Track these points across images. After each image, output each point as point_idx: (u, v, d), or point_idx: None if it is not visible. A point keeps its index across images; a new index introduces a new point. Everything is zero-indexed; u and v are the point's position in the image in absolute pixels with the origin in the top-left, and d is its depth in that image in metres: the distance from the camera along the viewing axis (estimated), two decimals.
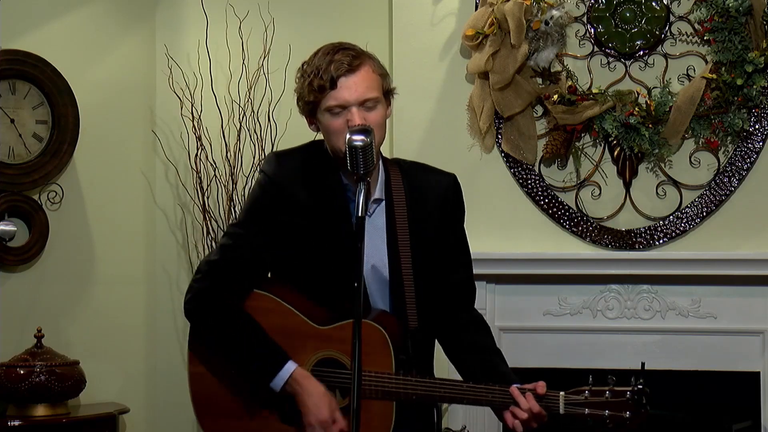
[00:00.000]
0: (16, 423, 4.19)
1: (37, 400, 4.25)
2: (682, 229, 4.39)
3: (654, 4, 4.43)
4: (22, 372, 4.23)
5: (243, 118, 4.79)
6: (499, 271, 4.39)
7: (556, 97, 4.40)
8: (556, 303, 4.46)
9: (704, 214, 4.38)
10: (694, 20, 4.39)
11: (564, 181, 4.49)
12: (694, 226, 4.39)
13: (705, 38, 4.36)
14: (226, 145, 4.81)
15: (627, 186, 4.44)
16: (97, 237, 4.71)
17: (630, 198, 4.44)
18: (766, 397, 4.33)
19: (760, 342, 4.34)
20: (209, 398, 2.84)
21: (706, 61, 4.37)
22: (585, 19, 4.49)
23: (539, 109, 4.49)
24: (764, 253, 4.30)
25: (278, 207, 2.81)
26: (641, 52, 4.44)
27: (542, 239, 4.48)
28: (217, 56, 4.82)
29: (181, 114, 4.82)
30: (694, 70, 4.39)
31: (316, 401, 2.72)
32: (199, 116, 4.80)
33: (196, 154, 4.80)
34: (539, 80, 4.46)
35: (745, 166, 4.34)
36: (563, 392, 2.69)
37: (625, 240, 4.43)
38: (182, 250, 4.91)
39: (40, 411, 4.26)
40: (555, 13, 4.38)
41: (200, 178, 4.80)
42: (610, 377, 2.71)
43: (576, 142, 4.45)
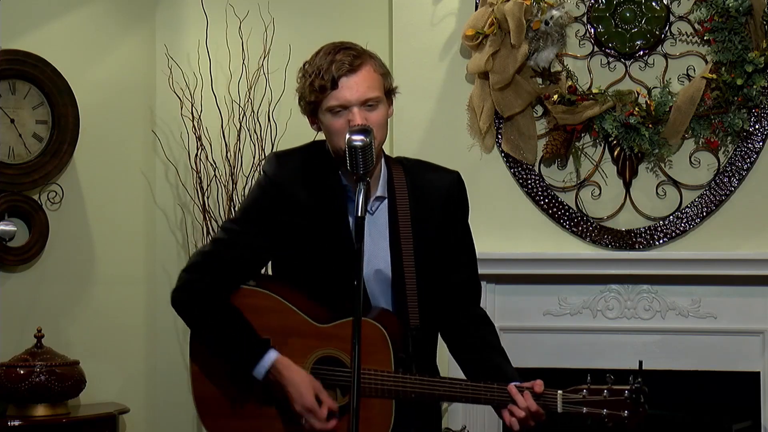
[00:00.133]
0: (16, 423, 4.19)
1: (37, 400, 4.25)
2: (682, 229, 4.39)
3: (654, 4, 4.43)
4: (22, 372, 4.23)
5: (243, 118, 4.79)
6: (499, 271, 4.38)
7: (556, 97, 4.40)
8: (556, 303, 4.46)
9: (704, 214, 4.38)
10: (694, 20, 4.39)
11: (564, 181, 4.49)
12: (694, 226, 4.39)
13: (705, 38, 4.36)
14: (226, 145, 4.80)
15: (627, 186, 4.44)
16: (97, 237, 4.71)
17: (630, 198, 4.44)
18: (766, 397, 4.33)
19: (760, 342, 4.34)
20: (211, 396, 2.84)
21: (706, 61, 4.37)
22: (585, 19, 4.49)
23: (539, 109, 4.49)
24: (764, 253, 4.30)
25: (277, 207, 2.81)
26: (641, 52, 4.44)
27: (542, 239, 4.48)
28: (217, 56, 4.81)
29: (181, 114, 4.82)
30: (694, 70, 4.39)
31: (298, 388, 2.72)
32: (199, 116, 4.80)
33: (196, 154, 4.80)
34: (539, 80, 4.46)
35: (745, 166, 4.34)
36: (561, 391, 2.69)
37: (625, 240, 4.42)
38: (182, 250, 4.90)
39: (40, 411, 4.26)
40: (555, 13, 4.38)
41: (200, 178, 4.79)
42: (609, 376, 2.70)
43: (576, 142, 4.45)
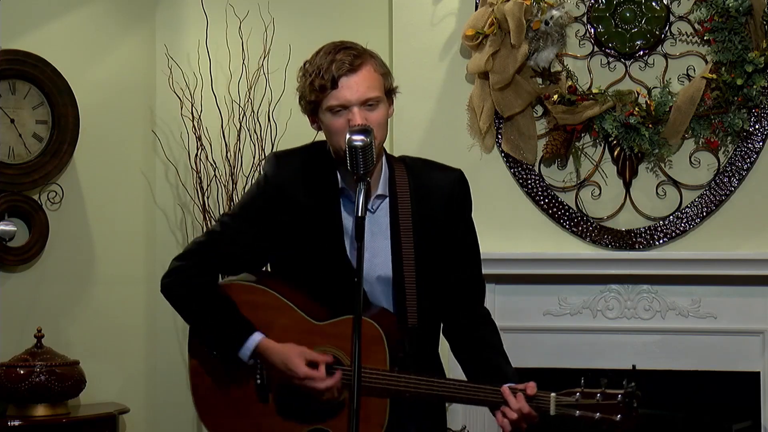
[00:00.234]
0: (16, 423, 4.20)
1: (37, 400, 4.25)
2: (682, 229, 4.39)
3: (654, 4, 4.43)
4: (22, 372, 4.23)
5: (243, 118, 4.79)
6: (499, 271, 4.38)
7: (556, 97, 4.40)
8: (556, 303, 4.46)
9: (704, 214, 4.38)
10: (694, 20, 4.39)
11: (564, 181, 4.49)
12: (694, 226, 4.39)
13: (705, 38, 4.36)
14: (226, 145, 4.80)
15: (627, 186, 4.44)
16: (97, 237, 4.71)
17: (630, 198, 4.44)
18: (766, 397, 4.33)
19: (760, 342, 4.34)
20: (209, 393, 2.85)
21: (706, 61, 4.37)
22: (585, 19, 4.48)
23: (539, 109, 4.49)
24: (764, 253, 4.30)
25: (274, 207, 2.82)
26: (641, 52, 4.44)
27: (542, 239, 4.48)
28: (217, 56, 4.82)
29: (181, 114, 4.82)
30: (694, 70, 4.39)
31: (287, 363, 2.72)
32: (199, 116, 4.80)
33: (196, 154, 4.80)
34: (539, 80, 4.46)
35: (745, 166, 4.34)
36: (554, 393, 2.67)
37: (625, 240, 4.42)
38: (182, 250, 4.89)
39: (40, 411, 4.26)
40: (555, 13, 4.38)
41: (200, 178, 4.80)
42: (603, 380, 2.68)
43: (576, 142, 4.45)
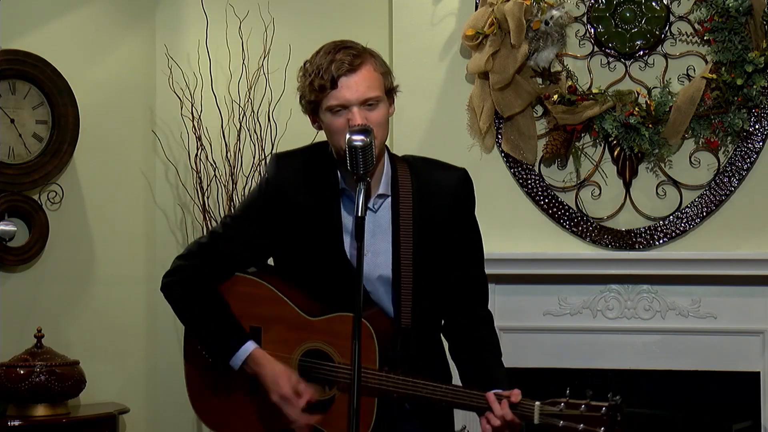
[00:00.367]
0: (16, 423, 4.20)
1: (37, 400, 4.25)
2: (682, 229, 4.39)
3: (654, 4, 4.43)
4: (22, 372, 4.23)
5: (243, 118, 4.79)
6: (499, 271, 4.37)
7: (556, 97, 4.40)
8: (556, 303, 4.46)
9: (704, 214, 4.38)
10: (694, 20, 4.39)
11: (564, 181, 4.49)
12: (694, 226, 4.39)
13: (705, 38, 4.36)
14: (226, 145, 4.81)
15: (627, 186, 4.44)
16: (97, 237, 4.71)
17: (630, 198, 4.44)
18: (766, 397, 4.33)
19: (760, 342, 4.34)
20: (203, 383, 2.92)
21: (706, 61, 4.37)
22: (585, 19, 4.48)
23: (539, 109, 4.49)
24: (764, 253, 4.30)
25: (274, 208, 2.83)
26: (641, 52, 4.44)
27: (542, 239, 4.48)
28: (217, 56, 4.82)
29: (181, 114, 4.82)
30: (694, 70, 4.39)
31: (275, 378, 2.75)
32: (199, 116, 4.80)
33: (196, 154, 4.80)
34: (539, 80, 4.46)
35: (745, 166, 4.34)
36: (538, 402, 2.66)
37: (625, 240, 4.42)
38: (182, 250, 4.88)
39: (40, 411, 4.26)
40: (555, 13, 4.38)
41: (200, 178, 4.80)
42: (588, 391, 2.67)
43: (576, 142, 4.45)
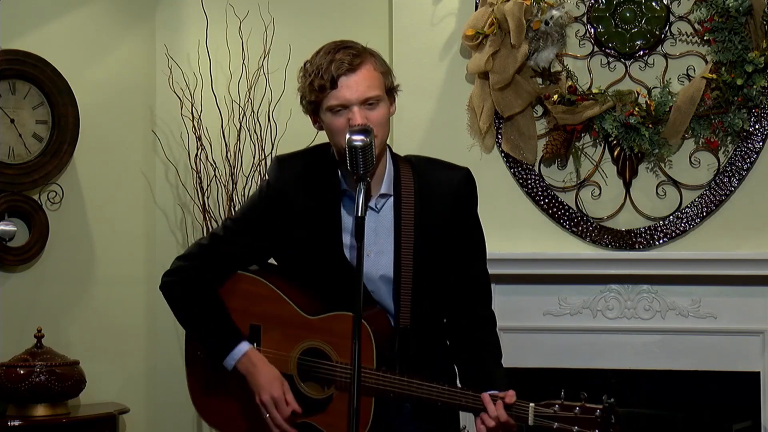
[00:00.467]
0: (16, 423, 4.20)
1: (37, 400, 4.25)
2: (682, 229, 4.39)
3: (654, 4, 4.43)
4: (22, 372, 4.23)
5: (243, 118, 4.79)
6: (499, 271, 4.37)
7: (556, 97, 4.40)
8: (556, 303, 4.46)
9: (704, 214, 4.38)
10: (694, 20, 4.39)
11: (564, 181, 4.49)
12: (694, 226, 4.39)
13: (705, 38, 4.36)
14: (226, 145, 4.81)
15: (627, 186, 4.44)
16: (97, 237, 4.71)
17: (630, 198, 4.44)
18: (766, 397, 4.33)
19: (760, 342, 4.34)
20: (204, 381, 2.93)
21: (706, 61, 4.37)
22: (585, 19, 4.48)
23: (539, 109, 4.49)
24: (764, 253, 4.30)
25: (275, 212, 2.84)
26: (641, 52, 4.44)
27: (542, 239, 4.48)
28: (217, 56, 4.82)
29: (181, 114, 4.82)
30: (694, 70, 4.39)
31: (269, 379, 2.77)
32: (199, 116, 4.80)
33: (196, 154, 4.80)
34: (539, 80, 4.46)
35: (745, 166, 4.34)
36: (533, 404, 2.67)
37: (625, 240, 4.42)
38: (182, 251, 4.86)
39: (40, 411, 4.26)
40: (555, 13, 4.38)
41: (200, 178, 4.80)
42: (582, 393, 2.68)
43: (576, 142, 4.45)
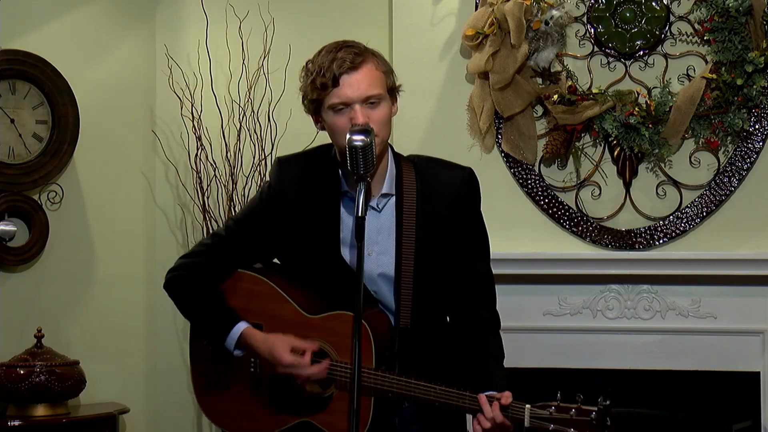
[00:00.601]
0: (16, 423, 4.20)
1: (37, 400, 4.25)
2: (682, 229, 4.39)
3: (654, 4, 4.43)
4: (22, 372, 4.23)
5: (243, 118, 4.79)
6: (499, 271, 4.29)
7: (556, 97, 4.40)
8: (556, 303, 4.46)
9: (704, 214, 4.38)
10: (694, 20, 4.39)
11: (564, 181, 4.49)
12: (694, 226, 4.39)
13: (705, 38, 4.36)
14: (226, 145, 4.81)
15: (627, 186, 4.44)
16: (97, 237, 4.71)
17: (630, 198, 4.44)
18: (766, 397, 4.33)
19: (760, 342, 4.34)
20: (208, 378, 2.92)
21: (706, 61, 4.37)
22: (585, 19, 4.49)
23: (539, 109, 4.49)
24: (764, 253, 4.30)
25: (276, 212, 2.85)
26: (641, 52, 4.44)
27: (542, 239, 4.48)
28: (217, 56, 4.82)
29: (181, 114, 4.82)
30: (694, 70, 4.39)
31: (272, 351, 2.78)
32: (199, 116, 4.80)
33: (196, 154, 4.80)
34: (539, 80, 4.46)
35: (745, 166, 4.34)
36: (529, 405, 2.68)
37: (625, 240, 4.42)
38: (182, 250, 4.89)
39: (40, 411, 4.26)
40: (555, 13, 4.38)
41: (200, 178, 4.80)
42: (578, 395, 2.68)
43: (576, 142, 4.45)
